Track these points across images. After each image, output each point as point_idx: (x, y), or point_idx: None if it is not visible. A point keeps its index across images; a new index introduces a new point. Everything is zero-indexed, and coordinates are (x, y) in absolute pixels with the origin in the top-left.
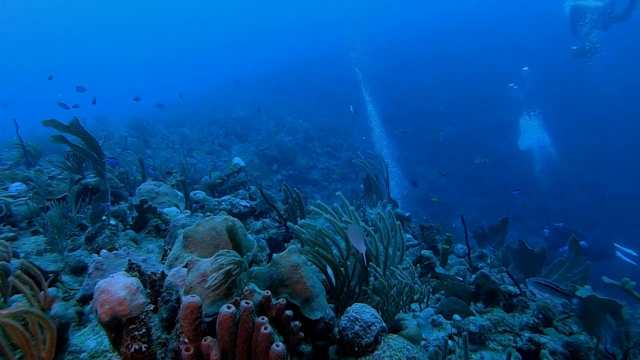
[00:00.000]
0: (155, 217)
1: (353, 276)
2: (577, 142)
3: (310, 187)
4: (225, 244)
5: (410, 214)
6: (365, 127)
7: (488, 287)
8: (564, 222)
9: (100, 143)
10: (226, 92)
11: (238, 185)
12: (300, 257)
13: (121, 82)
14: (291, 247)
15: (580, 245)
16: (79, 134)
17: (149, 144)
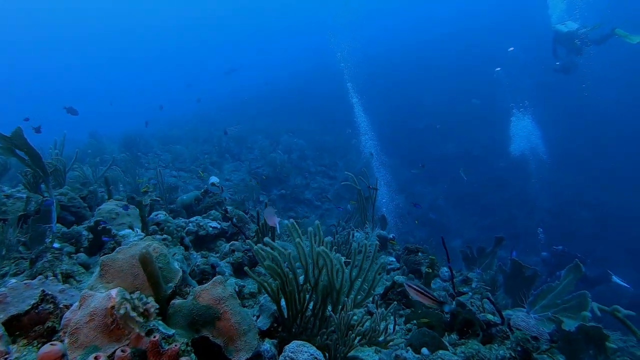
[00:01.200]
0: (111, 240)
1: (307, 307)
2: (578, 158)
3: (303, 207)
4: (157, 273)
5: (394, 235)
6: (362, 147)
7: (463, 316)
8: (564, 244)
9: (72, 161)
10: (226, 111)
11: (214, 205)
12: (226, 289)
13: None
14: (217, 277)
15: (581, 273)
16: (22, 147)
17: (140, 162)
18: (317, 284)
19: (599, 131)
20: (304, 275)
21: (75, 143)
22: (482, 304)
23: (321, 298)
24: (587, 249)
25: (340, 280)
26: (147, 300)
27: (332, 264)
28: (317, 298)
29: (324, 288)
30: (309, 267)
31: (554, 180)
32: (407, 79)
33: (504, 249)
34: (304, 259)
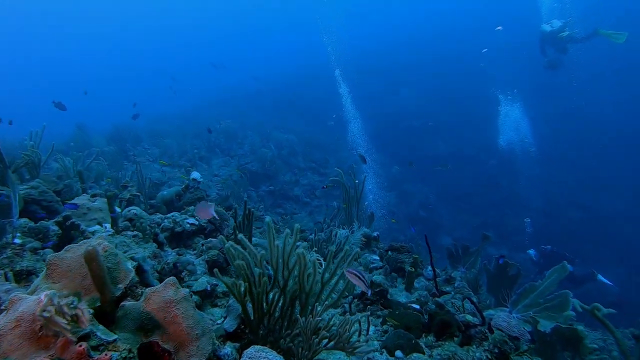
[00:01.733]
0: (80, 236)
1: (275, 309)
2: (568, 158)
3: (291, 203)
4: (103, 273)
5: (378, 233)
6: (353, 143)
7: (440, 318)
8: (552, 244)
9: (48, 153)
10: (218, 106)
11: (194, 201)
12: (178, 291)
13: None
14: (169, 279)
15: (565, 273)
16: None
17: (128, 156)
18: (286, 286)
19: (589, 131)
20: (274, 276)
21: (63, 136)
22: (463, 304)
23: (289, 300)
24: (576, 249)
25: (311, 282)
26: (76, 304)
27: (304, 265)
28: (284, 300)
29: (293, 290)
30: (279, 268)
31: (545, 180)
32: (400, 76)
33: (493, 246)
34: (275, 259)
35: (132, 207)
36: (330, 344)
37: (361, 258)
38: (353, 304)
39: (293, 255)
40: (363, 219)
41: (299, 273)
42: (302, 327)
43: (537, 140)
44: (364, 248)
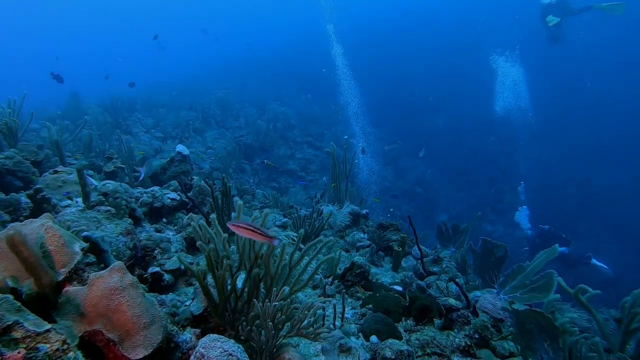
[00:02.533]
0: (52, 210)
1: (243, 293)
2: (567, 134)
3: (286, 177)
4: (35, 257)
5: (367, 211)
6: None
7: (420, 302)
8: (550, 223)
9: (27, 122)
10: (215, 76)
11: (179, 174)
12: (124, 277)
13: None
14: (115, 263)
15: (554, 255)
16: None
17: (120, 126)
18: (252, 268)
19: (589, 107)
20: (239, 258)
21: (57, 105)
22: (448, 286)
23: (254, 283)
24: (572, 225)
25: (277, 265)
26: None
27: (272, 248)
28: (251, 283)
29: (259, 273)
30: (246, 250)
31: (542, 156)
32: (399, 50)
33: (489, 223)
34: (242, 240)
35: (108, 181)
36: (292, 332)
37: (349, 236)
38: (333, 285)
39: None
40: (355, 197)
41: (266, 254)
42: (258, 312)
43: (535, 109)
44: (352, 226)
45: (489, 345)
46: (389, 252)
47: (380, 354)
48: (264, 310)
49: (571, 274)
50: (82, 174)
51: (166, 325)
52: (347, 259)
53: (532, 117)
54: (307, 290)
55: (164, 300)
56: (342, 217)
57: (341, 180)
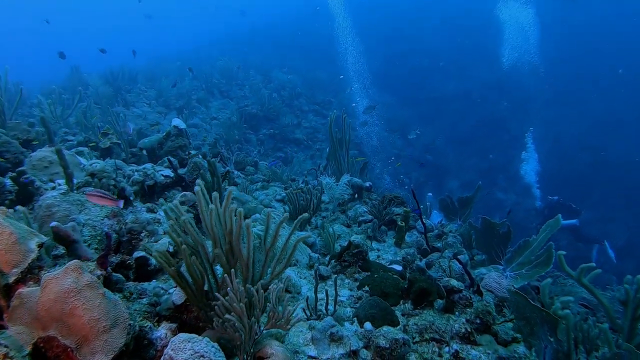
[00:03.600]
0: (36, 193)
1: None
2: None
3: (293, 147)
4: None
5: (371, 183)
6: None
7: (419, 285)
8: (561, 188)
9: (17, 99)
10: (217, 47)
11: (176, 149)
12: (80, 277)
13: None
14: (71, 262)
15: (558, 226)
16: None
17: (123, 99)
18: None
19: (604, 72)
20: (212, 244)
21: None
22: (450, 265)
23: (228, 269)
24: (585, 193)
25: (247, 249)
26: None
27: (239, 232)
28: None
29: (218, 254)
30: (219, 235)
31: (555, 122)
32: (407, 13)
33: (501, 191)
34: (210, 226)
35: (95, 160)
36: (268, 324)
37: (351, 210)
38: (330, 265)
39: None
40: (358, 168)
41: (234, 237)
42: (224, 305)
43: (547, 71)
44: (354, 199)
45: (490, 330)
46: (393, 226)
47: (374, 342)
48: (230, 300)
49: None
50: (62, 155)
51: (134, 325)
52: (348, 234)
53: (543, 74)
54: (303, 271)
55: (144, 289)
56: (341, 189)
57: (341, 151)
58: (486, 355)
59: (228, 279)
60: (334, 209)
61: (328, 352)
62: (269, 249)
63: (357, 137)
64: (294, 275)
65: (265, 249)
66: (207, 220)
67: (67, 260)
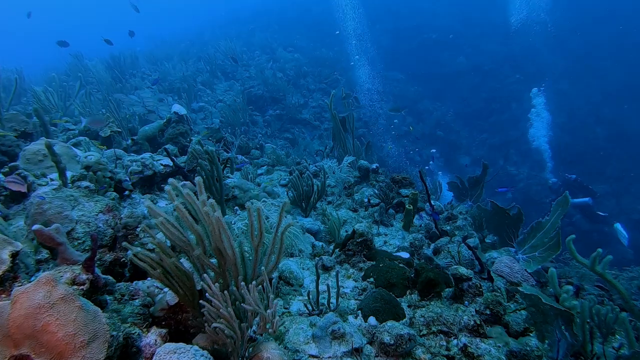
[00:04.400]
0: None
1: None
2: (596, 71)
3: (299, 127)
4: None
5: (378, 165)
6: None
7: (425, 275)
8: (576, 162)
9: (12, 91)
10: (222, 29)
11: (177, 136)
12: (53, 291)
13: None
14: (43, 275)
15: (567, 206)
16: None
17: (126, 84)
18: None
19: (620, 41)
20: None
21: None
22: (459, 250)
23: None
24: (600, 167)
25: (231, 249)
26: None
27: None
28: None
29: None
30: (204, 233)
31: (570, 94)
32: None
33: (514, 165)
34: (189, 223)
35: (90, 152)
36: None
37: (358, 193)
38: (334, 255)
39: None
40: (363, 149)
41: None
42: (212, 312)
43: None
44: (361, 182)
45: (501, 321)
46: (401, 208)
47: (378, 338)
48: (215, 305)
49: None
50: (52, 149)
51: (118, 335)
52: (354, 220)
53: (553, 37)
54: (306, 262)
55: (137, 289)
56: (346, 172)
57: (346, 132)
58: (496, 349)
59: (205, 284)
60: (339, 192)
61: (330, 351)
62: (258, 245)
63: (364, 115)
64: (296, 267)
65: (254, 246)
66: (189, 220)
67: (52, 264)
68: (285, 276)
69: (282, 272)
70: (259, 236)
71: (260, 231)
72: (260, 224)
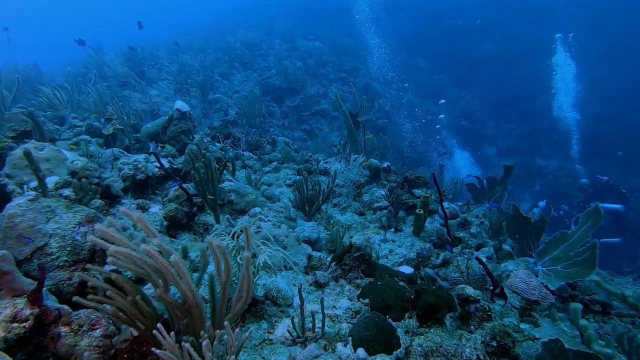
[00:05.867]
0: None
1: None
2: (635, 55)
3: (318, 119)
4: None
5: (389, 164)
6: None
7: (425, 299)
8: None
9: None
10: (246, 13)
11: (179, 134)
12: None
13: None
14: None
15: (600, 219)
16: None
17: (144, 76)
18: None
19: None
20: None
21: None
22: (469, 265)
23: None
24: (635, 158)
25: (185, 285)
26: None
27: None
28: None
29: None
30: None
31: (605, 80)
32: None
33: (542, 157)
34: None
35: (78, 157)
36: None
37: (367, 194)
38: (330, 269)
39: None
40: (378, 147)
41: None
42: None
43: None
44: (371, 182)
45: (509, 354)
46: (413, 210)
47: None
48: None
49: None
50: (31, 157)
51: None
52: (360, 224)
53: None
54: (299, 277)
55: (99, 318)
56: (355, 172)
57: (358, 130)
58: None
59: (158, 334)
60: (348, 193)
61: None
62: (225, 283)
63: (385, 105)
64: (285, 284)
65: (221, 283)
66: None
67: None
68: (272, 295)
69: (269, 291)
70: (227, 273)
71: (228, 268)
72: (227, 263)
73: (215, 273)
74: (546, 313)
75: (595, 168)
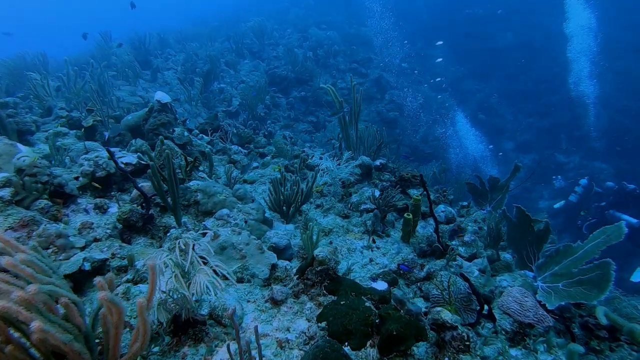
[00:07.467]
0: None
1: None
2: None
3: (325, 110)
4: None
5: (383, 161)
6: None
7: (388, 328)
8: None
9: None
10: (259, 4)
11: (158, 127)
12: None
13: None
14: None
15: (619, 238)
16: None
17: (151, 65)
18: None
19: None
20: None
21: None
22: (451, 281)
23: None
24: None
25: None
26: None
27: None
28: None
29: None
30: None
31: (630, 74)
32: None
33: (563, 154)
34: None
35: (27, 153)
36: None
37: (357, 194)
38: (290, 284)
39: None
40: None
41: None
42: None
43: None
44: (362, 181)
45: None
46: (403, 213)
47: None
48: None
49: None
50: None
51: None
52: (342, 229)
53: None
54: (255, 292)
55: None
56: (347, 170)
57: (350, 125)
58: None
59: None
60: (334, 192)
61: None
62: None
63: (398, 97)
64: (233, 301)
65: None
66: None
67: None
68: (217, 314)
69: (214, 309)
70: (117, 314)
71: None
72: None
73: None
74: (541, 339)
75: (620, 166)
